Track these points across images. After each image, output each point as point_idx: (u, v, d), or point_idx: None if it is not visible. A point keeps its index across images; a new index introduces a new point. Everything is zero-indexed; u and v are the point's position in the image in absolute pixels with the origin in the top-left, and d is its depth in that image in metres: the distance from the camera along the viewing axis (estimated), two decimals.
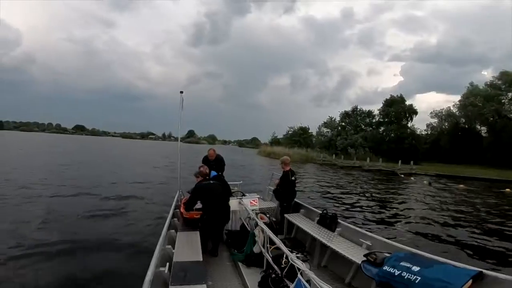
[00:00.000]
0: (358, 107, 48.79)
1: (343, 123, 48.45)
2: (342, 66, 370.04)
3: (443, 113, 45.32)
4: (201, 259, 3.17)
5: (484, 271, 2.40)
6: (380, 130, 44.58)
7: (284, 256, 2.78)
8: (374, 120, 46.66)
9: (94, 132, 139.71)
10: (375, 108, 47.63)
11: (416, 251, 3.03)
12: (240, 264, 3.73)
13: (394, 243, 3.41)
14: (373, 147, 40.26)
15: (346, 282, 3.52)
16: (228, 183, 5.88)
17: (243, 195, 5.32)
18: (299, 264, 2.31)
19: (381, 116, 45.03)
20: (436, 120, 46.92)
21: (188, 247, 3.51)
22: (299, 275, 2.20)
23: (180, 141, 6.76)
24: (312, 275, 2.09)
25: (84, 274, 4.30)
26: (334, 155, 39.25)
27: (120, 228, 6.41)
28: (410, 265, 2.59)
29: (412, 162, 29.31)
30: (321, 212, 4.62)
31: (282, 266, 2.88)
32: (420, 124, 71.62)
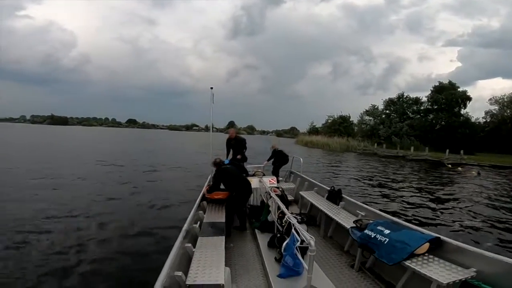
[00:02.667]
0: (405, 94, 45.68)
1: (387, 111, 45.90)
2: (389, 52, 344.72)
3: (505, 99, 40.05)
4: (223, 220, 4.12)
5: (442, 237, 2.82)
6: (429, 118, 41.31)
7: (286, 217, 3.36)
8: (422, 108, 43.39)
9: (145, 125, 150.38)
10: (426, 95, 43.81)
11: (396, 219, 3.57)
12: (256, 230, 4.58)
13: (382, 213, 3.94)
14: (420, 136, 37.79)
15: (345, 250, 4.13)
16: (253, 166, 6.79)
17: (264, 175, 6.13)
18: (292, 220, 2.92)
19: (430, 103, 41.70)
20: (496, 107, 41.58)
21: (214, 213, 4.51)
22: (293, 230, 2.77)
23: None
24: (298, 226, 2.66)
25: (144, 218, 6.46)
26: (376, 144, 37.81)
27: (170, 196, 8.46)
28: (384, 229, 3.16)
29: (462, 152, 27.11)
30: (329, 188, 5.24)
31: (283, 224, 3.49)
32: (480, 112, 64.27)
